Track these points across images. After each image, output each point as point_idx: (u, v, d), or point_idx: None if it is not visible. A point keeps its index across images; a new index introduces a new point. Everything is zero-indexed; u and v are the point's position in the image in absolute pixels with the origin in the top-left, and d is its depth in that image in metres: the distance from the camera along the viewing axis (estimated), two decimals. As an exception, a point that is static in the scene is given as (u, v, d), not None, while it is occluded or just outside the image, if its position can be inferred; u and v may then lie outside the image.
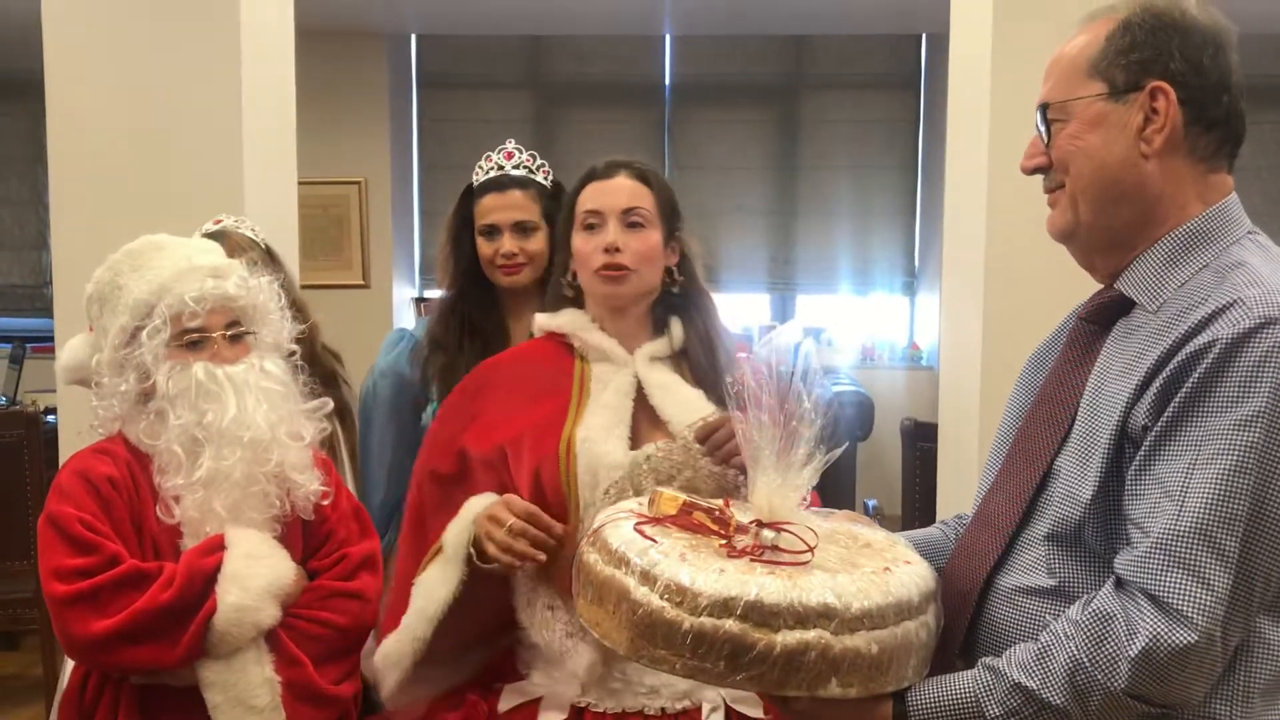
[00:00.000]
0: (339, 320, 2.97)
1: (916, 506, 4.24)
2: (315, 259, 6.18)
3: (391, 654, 1.80)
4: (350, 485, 2.46)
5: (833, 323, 7.15)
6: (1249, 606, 1.20)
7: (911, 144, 6.99)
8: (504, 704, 1.82)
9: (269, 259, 2.53)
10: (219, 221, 2.53)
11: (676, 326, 1.94)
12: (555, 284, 2.02)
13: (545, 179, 2.53)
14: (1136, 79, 1.33)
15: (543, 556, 1.70)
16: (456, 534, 1.77)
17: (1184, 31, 1.35)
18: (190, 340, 1.84)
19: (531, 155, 2.54)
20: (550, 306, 2.01)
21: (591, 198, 1.91)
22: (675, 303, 1.97)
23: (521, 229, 2.45)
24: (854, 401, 5.89)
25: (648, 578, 1.24)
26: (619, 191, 1.91)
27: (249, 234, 2.52)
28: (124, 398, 1.84)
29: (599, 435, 1.81)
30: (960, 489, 2.99)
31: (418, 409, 2.50)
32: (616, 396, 1.86)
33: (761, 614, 1.19)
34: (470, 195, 2.52)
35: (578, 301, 1.97)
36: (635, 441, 1.83)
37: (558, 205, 2.49)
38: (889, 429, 5.47)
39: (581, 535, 1.57)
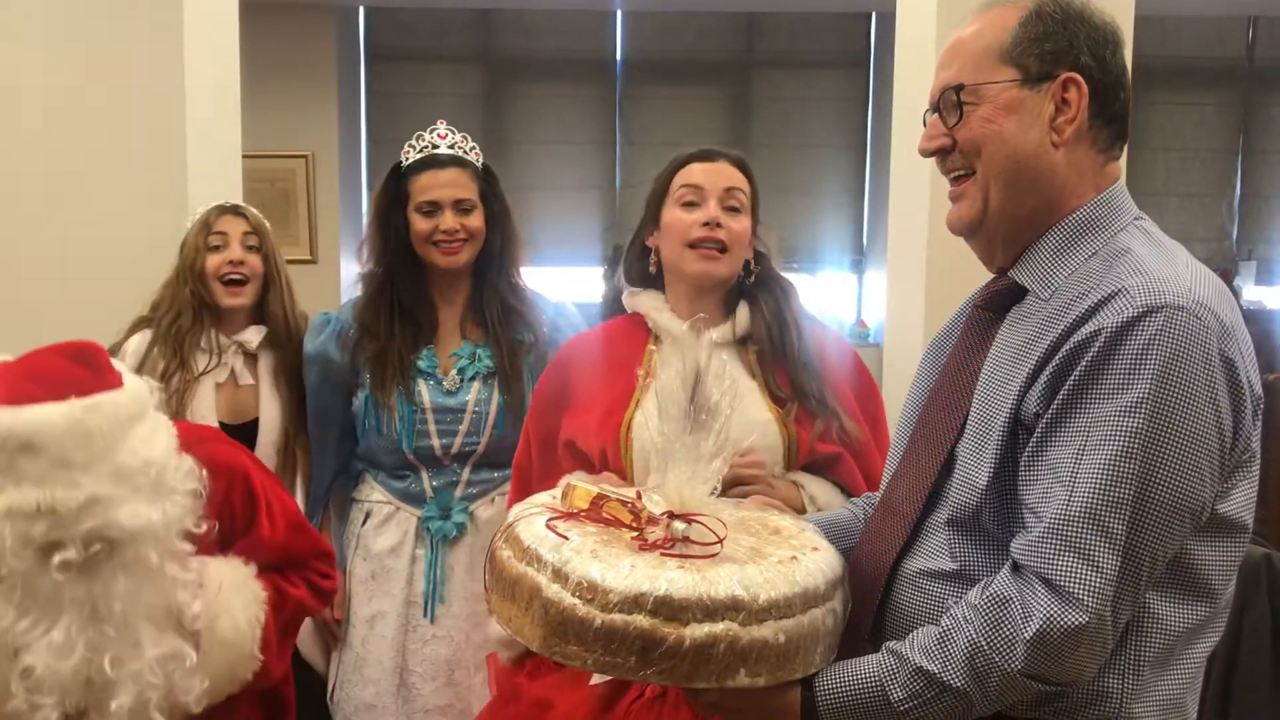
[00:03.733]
0: (285, 296, 2.95)
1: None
2: (262, 233, 6.11)
3: None
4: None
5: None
6: (1137, 586, 1.24)
7: (861, 123, 7.03)
8: None
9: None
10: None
11: (743, 312, 1.99)
12: (634, 260, 2.06)
13: (477, 160, 2.54)
14: (1050, 69, 1.35)
15: None
16: None
17: (1089, 26, 1.37)
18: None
19: (464, 136, 2.55)
20: (628, 283, 2.07)
21: (693, 175, 1.97)
22: (750, 292, 2.02)
23: (461, 207, 2.45)
24: (802, 378, 5.93)
25: (559, 575, 1.25)
26: (721, 173, 1.98)
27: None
28: None
29: (652, 421, 1.88)
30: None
31: (348, 394, 2.50)
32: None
33: (671, 609, 1.21)
34: (399, 174, 2.50)
35: (659, 281, 2.02)
36: None
37: (491, 188, 2.51)
38: (836, 405, 5.52)
39: None
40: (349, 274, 6.76)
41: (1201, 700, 1.64)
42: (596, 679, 1.80)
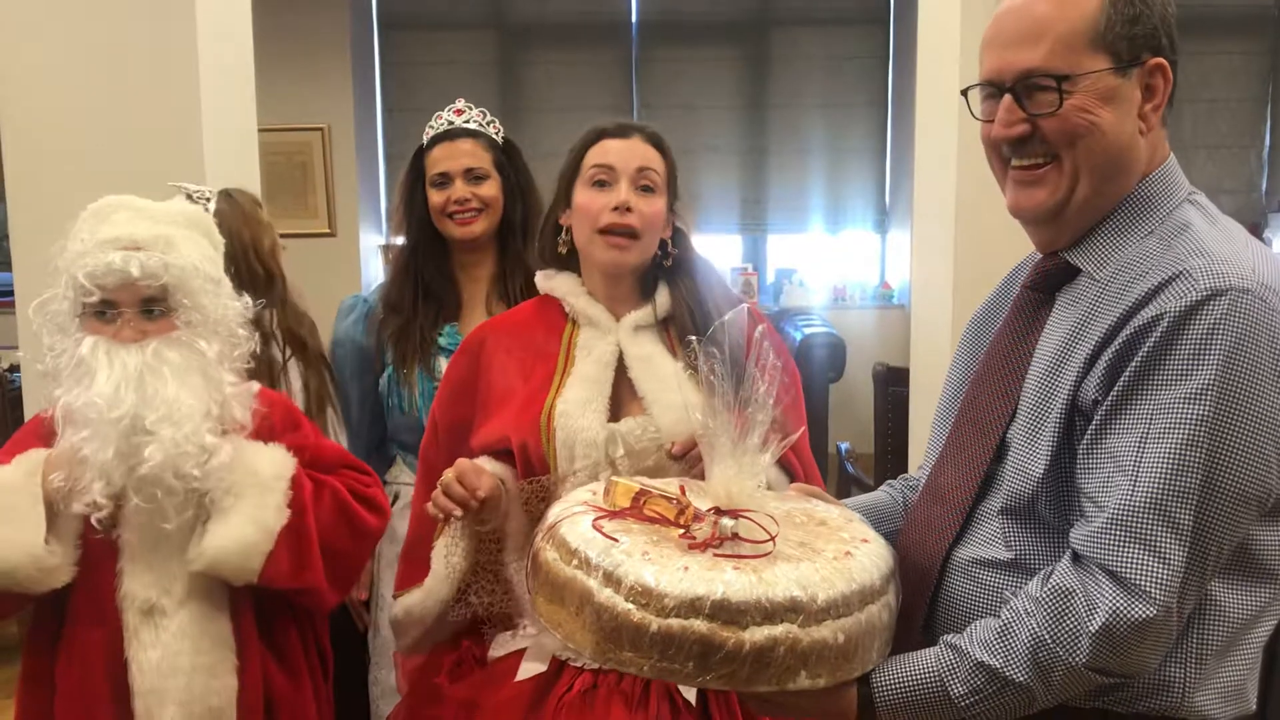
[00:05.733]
0: (306, 269, 2.93)
1: (889, 448, 4.27)
2: (280, 207, 6.08)
3: (416, 611, 1.88)
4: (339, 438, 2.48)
5: (804, 262, 7.16)
6: (1203, 576, 1.21)
7: (882, 80, 6.94)
8: (494, 651, 1.86)
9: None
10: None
11: (662, 294, 1.93)
12: (547, 239, 1.98)
13: (496, 134, 2.53)
14: (1137, 53, 1.30)
15: (459, 512, 1.72)
16: None
17: (1163, 2, 1.32)
18: (97, 312, 1.77)
19: (481, 112, 2.54)
20: (542, 263, 1.99)
21: (605, 153, 1.88)
22: (669, 272, 1.95)
23: (473, 176, 2.44)
24: (826, 343, 5.89)
25: (611, 579, 1.21)
26: (634, 152, 1.88)
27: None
28: (52, 359, 1.79)
29: (576, 409, 1.81)
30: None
31: (375, 375, 2.49)
32: (596, 367, 1.86)
33: (729, 612, 1.18)
34: (421, 153, 2.51)
35: (573, 261, 1.95)
36: (616, 411, 1.83)
37: (510, 160, 2.50)
38: (861, 369, 5.47)
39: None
40: (368, 245, 6.74)
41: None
42: (523, 675, 1.78)
